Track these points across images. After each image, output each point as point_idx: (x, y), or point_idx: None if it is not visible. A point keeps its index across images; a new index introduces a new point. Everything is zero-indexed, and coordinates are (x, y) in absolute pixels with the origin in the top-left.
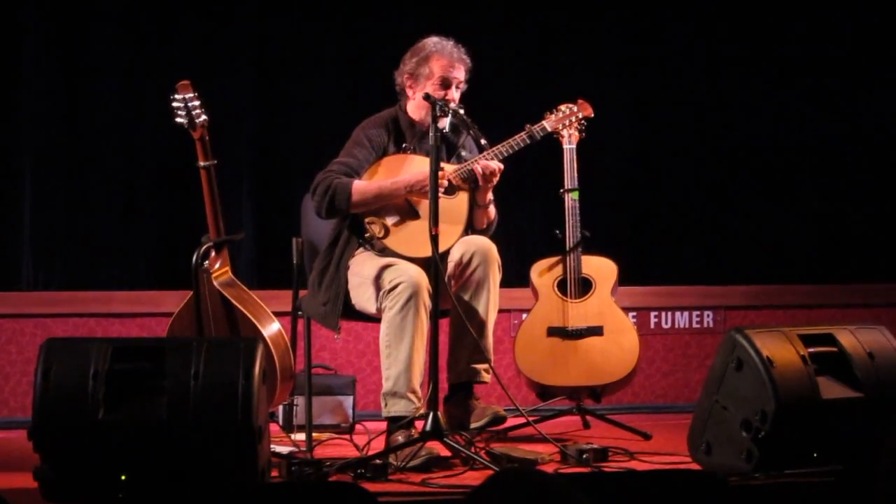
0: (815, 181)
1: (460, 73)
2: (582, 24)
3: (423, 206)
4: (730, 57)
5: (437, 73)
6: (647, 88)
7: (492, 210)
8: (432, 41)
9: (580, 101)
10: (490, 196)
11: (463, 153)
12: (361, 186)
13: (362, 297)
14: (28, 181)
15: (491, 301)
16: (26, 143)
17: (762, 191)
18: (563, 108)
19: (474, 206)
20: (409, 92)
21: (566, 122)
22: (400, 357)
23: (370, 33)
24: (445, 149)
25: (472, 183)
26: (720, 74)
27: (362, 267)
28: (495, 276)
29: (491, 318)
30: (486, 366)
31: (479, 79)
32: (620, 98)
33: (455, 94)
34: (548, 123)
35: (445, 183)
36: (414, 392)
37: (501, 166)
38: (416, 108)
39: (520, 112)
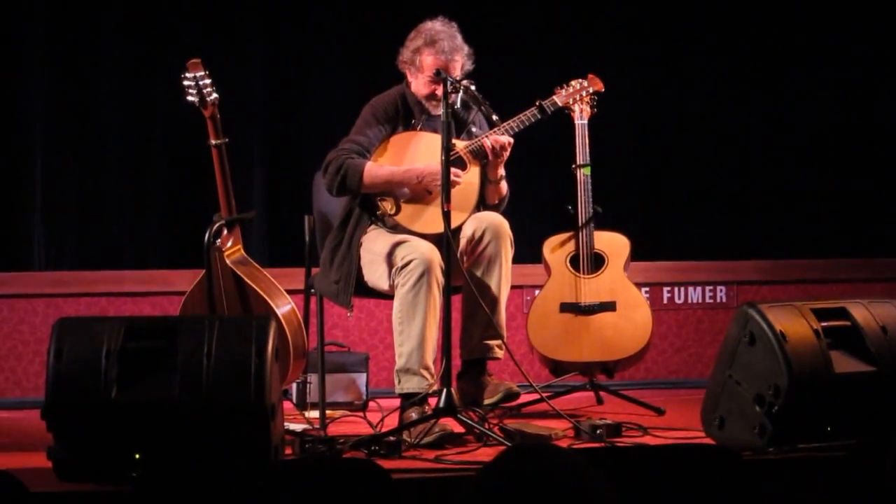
0: (827, 155)
1: (455, 69)
2: None
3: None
4: (743, 32)
5: (426, 70)
6: (659, 64)
7: (503, 186)
8: (428, 31)
9: (590, 75)
10: (502, 171)
11: (473, 129)
12: (373, 170)
13: (374, 274)
14: (39, 161)
15: (503, 277)
16: (36, 123)
17: (774, 165)
18: (573, 83)
19: (486, 181)
20: (408, 76)
21: (577, 97)
22: (413, 334)
23: (381, 9)
24: (455, 125)
25: (482, 158)
26: (733, 49)
27: (374, 244)
28: (507, 251)
29: (503, 294)
30: (498, 342)
31: (490, 55)
32: (632, 73)
33: (458, 75)
34: (558, 98)
35: (460, 181)
36: (427, 368)
37: (511, 141)
38: (418, 89)
39: (531, 88)
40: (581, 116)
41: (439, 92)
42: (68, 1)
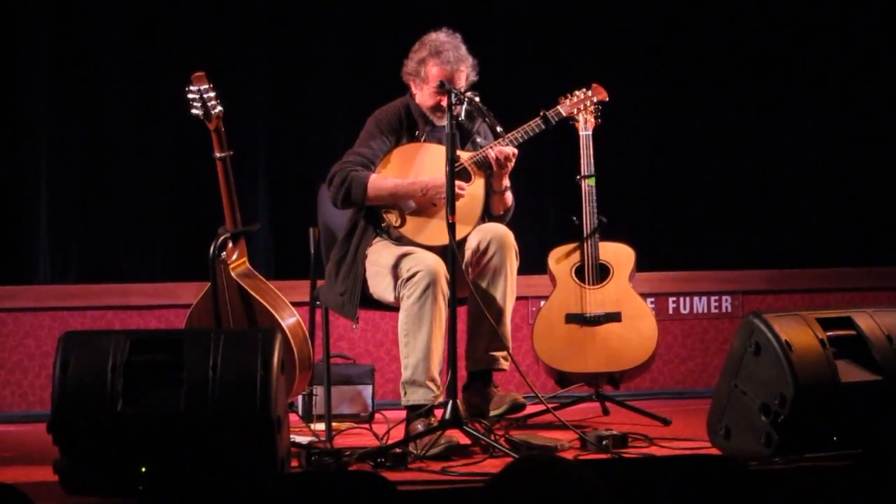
0: (831, 164)
1: (460, 79)
2: (598, 8)
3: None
4: (749, 42)
5: (432, 81)
6: (664, 74)
7: (508, 196)
8: (432, 42)
9: (594, 85)
10: (506, 182)
11: (478, 139)
12: (378, 182)
13: (380, 286)
14: (43, 175)
15: (508, 288)
16: (41, 136)
17: (779, 175)
18: (577, 92)
19: (490, 192)
20: (413, 87)
21: (581, 107)
22: (418, 345)
23: (384, 21)
24: (460, 136)
25: (487, 169)
26: (739, 58)
27: (379, 256)
28: (512, 263)
29: (509, 306)
30: (504, 353)
31: (495, 66)
32: (637, 83)
33: (463, 85)
34: (562, 108)
35: (464, 193)
36: (433, 380)
37: (516, 151)
38: (423, 100)
39: (535, 99)
40: (585, 127)
41: (444, 103)
42: (73, 15)
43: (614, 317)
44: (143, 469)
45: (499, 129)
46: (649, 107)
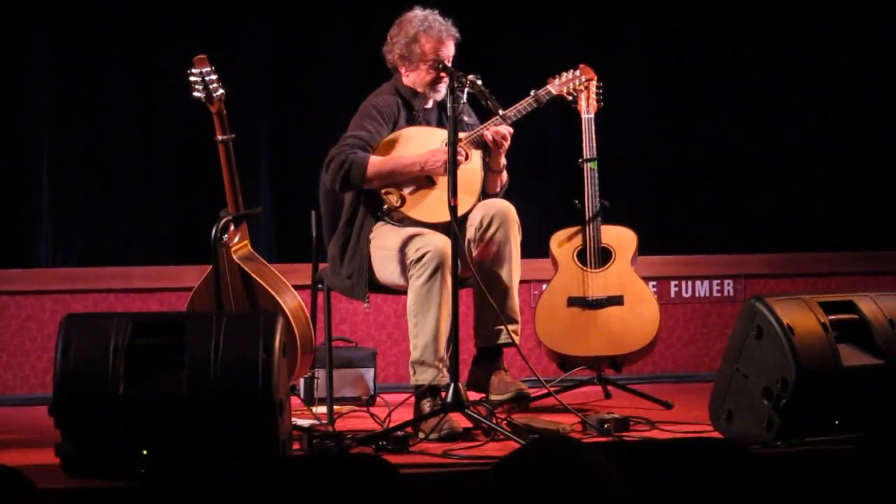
0: (835, 148)
1: (451, 50)
2: None
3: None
4: (750, 22)
5: (429, 55)
6: (666, 56)
7: (504, 174)
8: (418, 18)
9: (581, 65)
10: (503, 161)
11: (465, 118)
12: (377, 163)
13: (386, 271)
14: (45, 158)
15: (514, 261)
16: (43, 119)
17: (782, 158)
18: (565, 73)
19: (487, 171)
20: (402, 70)
21: (571, 87)
22: (427, 327)
23: (384, 6)
24: (447, 117)
25: (484, 150)
26: (740, 40)
27: (385, 240)
28: (516, 236)
29: (515, 278)
30: (515, 327)
31: (492, 46)
32: (639, 66)
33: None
34: (552, 87)
35: (463, 160)
36: (442, 360)
37: (511, 130)
38: (418, 79)
39: (535, 82)
40: (587, 111)
41: (444, 76)
42: None
43: (616, 300)
44: (145, 452)
45: (501, 112)
46: (651, 90)
